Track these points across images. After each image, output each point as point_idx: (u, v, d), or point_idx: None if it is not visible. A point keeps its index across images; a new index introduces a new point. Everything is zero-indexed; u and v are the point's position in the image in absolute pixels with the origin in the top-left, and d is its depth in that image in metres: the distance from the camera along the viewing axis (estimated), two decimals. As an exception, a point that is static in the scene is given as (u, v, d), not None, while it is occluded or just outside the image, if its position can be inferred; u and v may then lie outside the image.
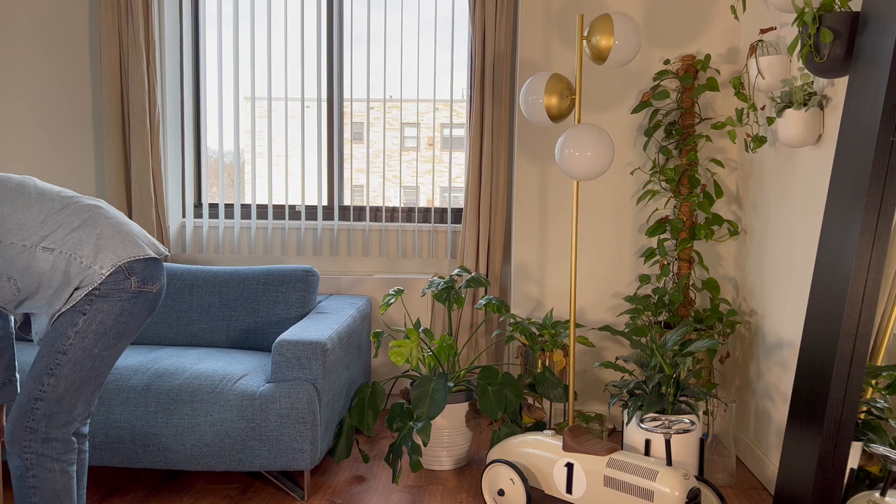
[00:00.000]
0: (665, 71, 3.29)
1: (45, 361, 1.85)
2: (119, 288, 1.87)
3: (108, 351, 1.90)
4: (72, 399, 1.87)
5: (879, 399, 2.13)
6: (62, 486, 1.87)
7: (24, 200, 1.88)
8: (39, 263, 1.83)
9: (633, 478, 2.30)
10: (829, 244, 2.08)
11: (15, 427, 1.84)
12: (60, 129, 3.67)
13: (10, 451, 1.85)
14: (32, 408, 1.84)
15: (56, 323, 1.87)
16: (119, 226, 1.93)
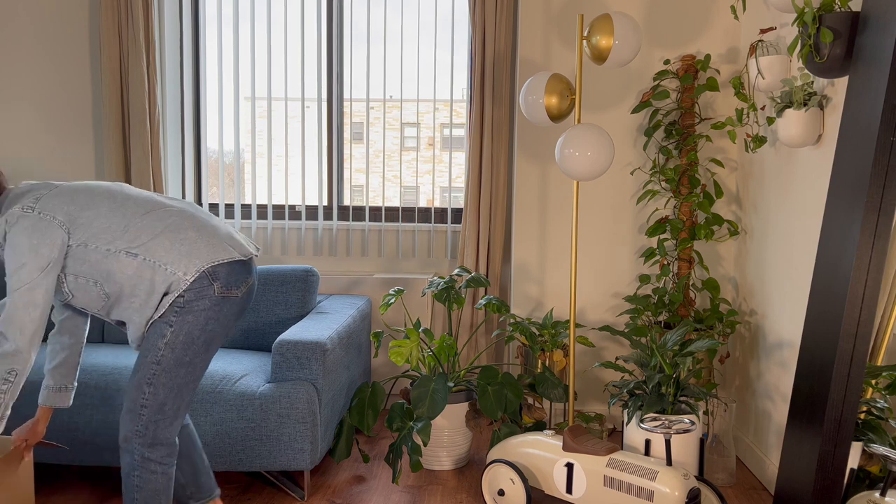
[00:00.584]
0: (665, 71, 3.29)
1: (143, 372, 1.91)
2: (203, 295, 1.89)
3: (200, 357, 1.94)
4: (173, 404, 1.94)
5: (879, 399, 2.13)
6: (162, 487, 1.96)
7: (109, 205, 1.90)
8: (123, 268, 1.86)
9: (633, 478, 2.30)
10: (829, 244, 2.08)
11: (127, 429, 1.92)
12: (61, 128, 3.68)
13: (123, 449, 1.94)
14: (139, 413, 1.91)
15: (148, 333, 1.92)
16: (203, 229, 1.93)
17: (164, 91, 3.62)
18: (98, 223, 1.86)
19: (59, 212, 1.84)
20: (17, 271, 1.77)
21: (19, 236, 1.79)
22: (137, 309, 1.90)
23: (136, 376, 1.92)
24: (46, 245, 1.79)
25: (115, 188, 1.97)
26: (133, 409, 1.91)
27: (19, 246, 1.78)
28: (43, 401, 2.10)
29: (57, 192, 1.88)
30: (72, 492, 2.75)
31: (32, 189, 1.89)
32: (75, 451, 2.64)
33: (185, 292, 1.87)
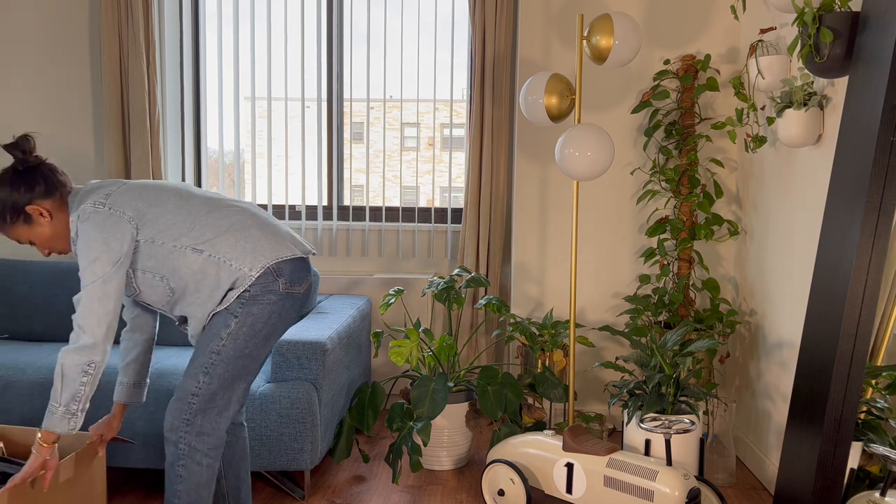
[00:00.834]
0: (665, 71, 3.29)
1: (201, 360, 1.92)
2: (268, 290, 1.91)
3: (259, 351, 1.96)
4: (225, 395, 1.95)
5: (879, 399, 2.13)
6: (205, 480, 1.96)
7: (176, 202, 1.93)
8: (189, 264, 1.89)
9: (633, 478, 2.30)
10: (829, 244, 2.08)
11: (174, 418, 1.93)
12: (61, 128, 3.67)
13: (168, 439, 1.94)
14: (189, 402, 1.92)
15: (210, 323, 1.94)
16: (265, 227, 1.96)
17: (164, 91, 3.62)
18: (165, 219, 1.90)
19: (129, 208, 1.88)
20: (91, 265, 1.81)
21: (91, 231, 1.83)
22: (201, 304, 1.93)
23: (192, 365, 1.93)
24: (117, 239, 1.83)
25: (182, 186, 2.01)
26: (183, 397, 1.93)
27: (91, 240, 1.82)
28: (118, 397, 2.13)
29: (126, 188, 1.93)
30: (72, 492, 2.75)
31: (102, 186, 1.93)
32: (75, 451, 2.64)
33: (250, 287, 1.90)
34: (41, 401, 2.62)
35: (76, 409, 1.81)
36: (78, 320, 1.81)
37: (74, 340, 1.81)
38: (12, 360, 2.75)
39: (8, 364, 2.72)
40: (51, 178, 1.90)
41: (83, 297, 1.81)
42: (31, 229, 1.91)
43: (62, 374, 1.80)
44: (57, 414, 1.80)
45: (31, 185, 1.88)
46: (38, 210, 1.88)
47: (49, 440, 1.82)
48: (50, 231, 1.92)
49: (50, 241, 1.93)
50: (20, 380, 2.65)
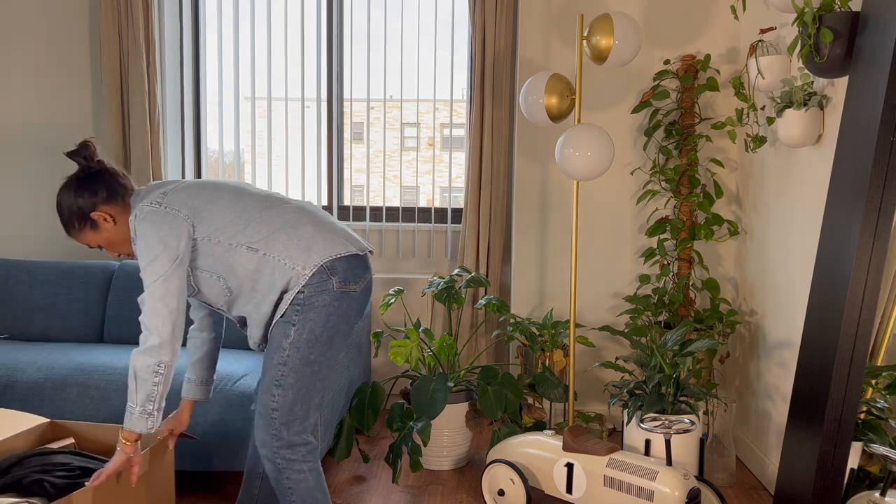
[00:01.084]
0: (665, 71, 3.29)
1: (271, 374, 1.91)
2: (322, 290, 1.89)
3: (325, 354, 1.94)
4: (304, 404, 1.94)
5: (879, 399, 2.13)
6: (315, 484, 1.97)
7: (230, 200, 1.93)
8: (245, 263, 1.88)
9: (633, 478, 2.30)
10: (829, 244, 2.08)
11: (263, 434, 1.93)
12: (61, 128, 3.67)
13: (263, 457, 1.94)
14: (271, 417, 1.92)
15: (272, 334, 1.93)
16: (320, 224, 1.95)
17: (164, 91, 3.61)
18: (220, 217, 1.90)
19: (184, 206, 1.88)
20: (151, 264, 1.82)
21: (148, 230, 1.83)
22: (257, 305, 1.92)
23: (264, 380, 1.93)
24: (174, 237, 1.83)
25: (237, 184, 2.01)
26: (265, 413, 1.92)
27: (149, 239, 1.83)
28: (185, 394, 2.15)
29: (182, 186, 1.94)
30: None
31: (160, 185, 1.95)
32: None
33: (304, 288, 1.88)
34: (41, 401, 2.63)
35: (152, 408, 1.83)
36: (144, 321, 1.82)
37: (143, 342, 1.82)
38: (12, 360, 2.75)
39: (8, 364, 2.72)
40: (112, 183, 1.92)
41: (146, 297, 1.82)
42: (98, 234, 1.93)
43: (135, 375, 1.81)
44: (135, 415, 1.83)
45: (94, 192, 1.90)
46: (103, 216, 1.91)
47: (131, 439, 1.86)
48: (115, 235, 1.94)
49: (117, 244, 1.96)
50: (20, 380, 2.65)
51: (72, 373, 2.67)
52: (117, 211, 1.93)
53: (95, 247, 1.97)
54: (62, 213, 1.93)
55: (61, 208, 1.93)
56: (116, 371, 2.68)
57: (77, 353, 2.85)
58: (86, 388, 2.62)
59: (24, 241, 3.72)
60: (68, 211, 1.91)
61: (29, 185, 3.69)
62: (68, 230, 1.95)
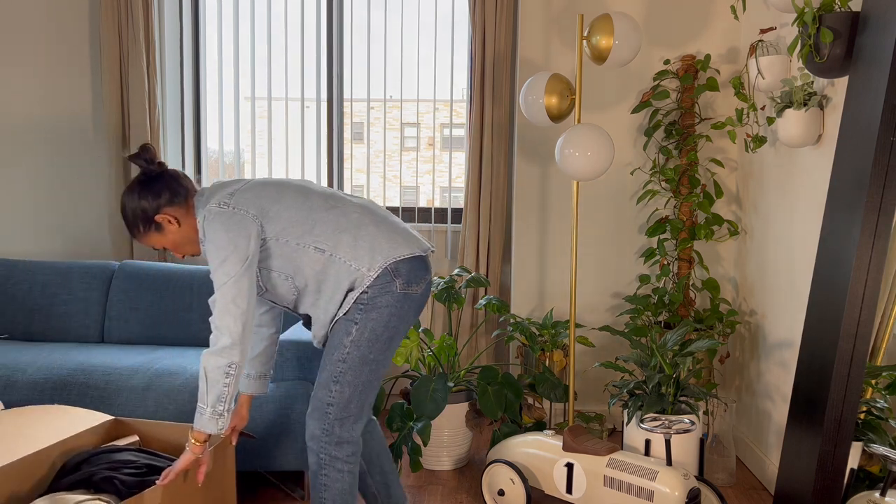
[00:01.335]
0: (665, 71, 3.29)
1: (329, 370, 1.93)
2: (385, 291, 1.89)
3: (383, 354, 1.95)
4: (358, 402, 1.95)
5: (879, 399, 2.13)
6: (348, 487, 1.97)
7: (296, 199, 1.93)
8: (312, 263, 1.89)
9: (633, 478, 2.30)
10: (829, 244, 2.08)
11: (314, 428, 1.95)
12: (61, 128, 3.67)
13: (310, 448, 1.96)
14: (326, 412, 1.93)
15: (333, 331, 1.94)
16: (383, 224, 1.95)
17: (164, 91, 3.61)
18: (287, 216, 1.90)
19: (252, 206, 1.88)
20: (222, 265, 1.82)
21: (218, 231, 1.84)
22: (323, 305, 1.93)
23: (323, 375, 1.94)
24: (244, 237, 1.84)
25: (301, 183, 2.01)
26: (319, 407, 1.94)
27: (219, 240, 1.83)
28: (244, 389, 2.16)
29: (249, 186, 1.94)
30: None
31: (225, 185, 1.95)
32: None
33: (368, 288, 1.89)
34: (41, 401, 2.63)
35: (222, 409, 1.84)
36: (215, 321, 1.82)
37: (214, 342, 1.82)
38: (12, 360, 2.75)
39: (8, 364, 2.72)
40: (174, 185, 1.93)
41: (218, 298, 1.82)
42: (163, 236, 1.95)
43: (205, 377, 1.82)
44: (206, 415, 1.84)
45: (157, 194, 1.91)
46: (167, 218, 1.91)
47: (201, 439, 1.87)
48: (180, 237, 1.95)
49: (182, 245, 1.97)
50: (20, 380, 2.65)
51: (72, 373, 2.67)
52: (181, 212, 1.94)
53: (160, 248, 1.98)
54: (126, 216, 1.94)
55: (125, 212, 1.93)
56: (116, 371, 2.68)
57: (77, 353, 2.85)
58: (86, 388, 2.62)
59: (24, 241, 3.72)
60: (132, 214, 1.92)
61: (29, 185, 3.69)
62: (133, 233, 1.96)
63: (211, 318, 1.84)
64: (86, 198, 3.68)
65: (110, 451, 2.00)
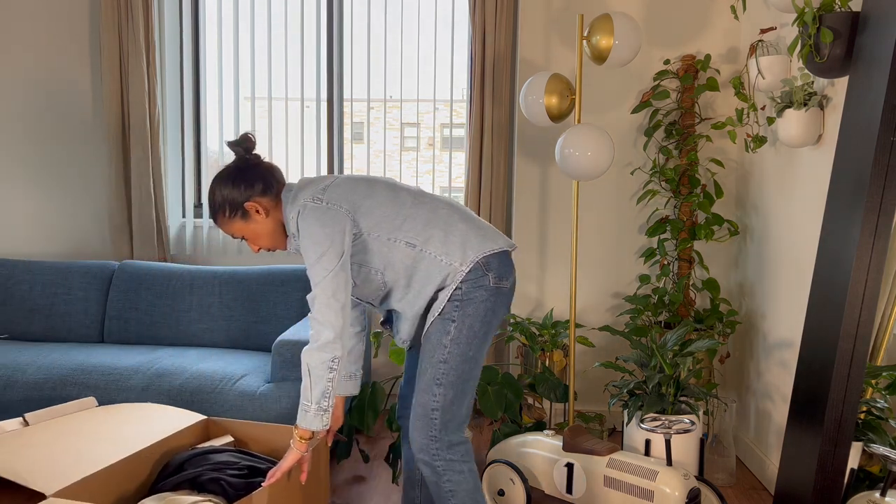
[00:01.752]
0: (665, 71, 3.29)
1: (431, 373, 1.90)
2: (479, 286, 1.89)
3: (481, 351, 1.93)
4: (460, 402, 1.92)
5: (879, 399, 2.13)
6: (474, 485, 1.94)
7: (385, 194, 1.93)
8: (403, 258, 1.89)
9: (633, 478, 2.30)
10: (829, 244, 2.08)
11: (422, 437, 1.91)
12: (61, 128, 3.67)
13: (421, 461, 1.92)
14: (431, 418, 1.90)
15: (430, 332, 1.91)
16: (470, 221, 1.95)
17: (164, 91, 3.61)
18: (378, 212, 1.90)
19: (345, 201, 1.89)
20: (319, 260, 1.82)
21: (313, 226, 1.84)
22: (411, 299, 1.92)
23: (423, 380, 1.91)
24: (339, 233, 1.84)
25: (388, 179, 2.01)
26: (424, 414, 1.90)
27: (315, 235, 1.83)
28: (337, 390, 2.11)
29: (339, 182, 1.94)
30: (72, 492, 2.75)
31: (314, 181, 1.95)
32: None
33: (461, 284, 1.88)
34: (41, 401, 2.63)
35: (326, 405, 1.84)
36: (317, 317, 1.81)
37: (316, 338, 1.81)
38: (12, 360, 2.75)
39: (8, 364, 2.72)
40: (268, 177, 1.93)
41: (318, 294, 1.82)
42: (246, 225, 1.94)
43: (309, 373, 1.81)
44: (310, 412, 1.83)
45: (251, 183, 1.91)
46: (256, 207, 1.91)
47: (306, 437, 1.87)
48: (264, 228, 1.94)
49: (262, 237, 1.96)
50: (20, 380, 2.65)
51: (72, 373, 2.67)
52: (270, 205, 1.93)
53: (239, 237, 1.97)
54: (214, 199, 1.93)
55: (214, 195, 1.93)
56: (116, 371, 2.68)
57: (77, 353, 2.85)
58: (85, 389, 2.62)
59: (24, 241, 3.72)
60: (221, 198, 1.91)
61: (29, 185, 3.69)
62: (216, 217, 1.95)
63: (311, 315, 1.83)
64: (86, 198, 3.68)
65: (210, 451, 2.02)
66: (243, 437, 2.24)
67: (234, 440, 2.24)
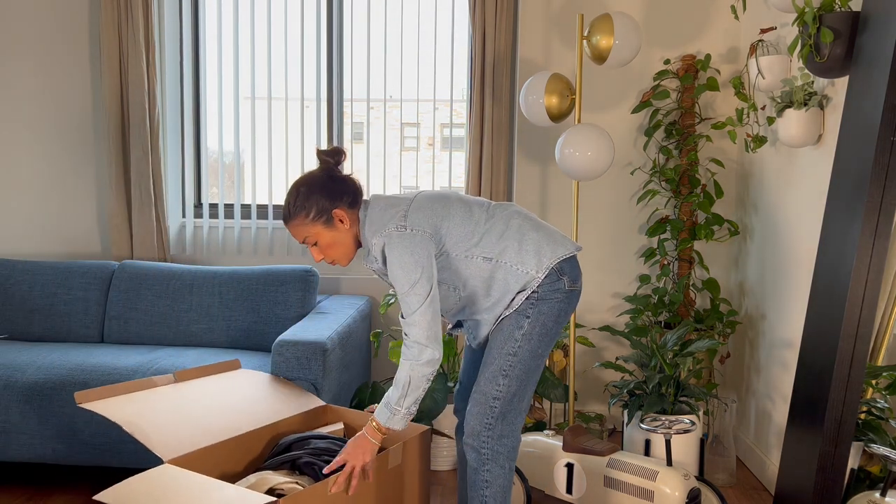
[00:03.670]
0: (665, 71, 3.29)
1: (498, 363, 1.96)
2: (555, 289, 1.95)
3: (547, 349, 2.00)
4: (521, 396, 1.98)
5: (879, 399, 2.13)
6: (507, 484, 2.00)
7: (461, 213, 1.99)
8: (480, 272, 1.96)
9: (633, 478, 2.30)
10: (829, 244, 2.08)
11: (476, 423, 1.98)
12: (60, 128, 3.67)
13: (470, 445, 1.99)
14: (491, 406, 1.96)
15: (501, 325, 1.98)
16: (540, 228, 2.01)
17: (164, 91, 3.61)
18: (456, 232, 1.96)
19: (427, 225, 1.94)
20: (413, 288, 1.88)
21: (403, 256, 1.89)
22: (489, 309, 1.99)
23: (489, 369, 1.97)
24: (426, 257, 1.90)
25: (459, 196, 2.06)
26: (485, 401, 1.96)
27: (406, 265, 1.89)
28: None
29: (418, 204, 1.99)
30: (72, 492, 2.75)
31: (391, 203, 1.99)
32: (75, 450, 2.63)
33: (538, 288, 1.94)
34: (40, 401, 2.62)
35: (414, 410, 1.94)
36: (420, 339, 1.88)
37: (417, 356, 1.88)
38: (12, 360, 2.75)
39: (8, 364, 2.72)
40: (356, 194, 2.00)
41: (418, 319, 1.88)
42: (325, 231, 1.97)
43: (409, 383, 1.89)
44: (398, 415, 1.92)
45: (341, 194, 1.97)
46: (341, 216, 1.96)
47: (383, 431, 1.94)
48: (340, 239, 1.99)
49: (336, 247, 2.00)
50: (20, 380, 2.65)
51: (71, 373, 2.67)
52: (352, 219, 1.98)
53: (311, 243, 1.99)
54: (298, 199, 1.96)
55: (299, 194, 1.96)
56: (116, 371, 2.68)
57: (77, 353, 2.85)
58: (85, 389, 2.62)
59: (24, 241, 3.72)
60: (310, 200, 1.95)
61: (29, 185, 3.69)
62: (295, 217, 1.97)
63: (414, 335, 1.89)
64: (86, 198, 3.68)
65: (314, 437, 2.15)
66: (354, 425, 2.35)
67: (345, 427, 2.33)
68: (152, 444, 1.93)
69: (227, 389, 2.33)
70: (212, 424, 2.10)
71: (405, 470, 2.14)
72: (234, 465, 2.09)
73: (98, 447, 2.61)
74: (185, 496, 1.70)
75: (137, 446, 2.59)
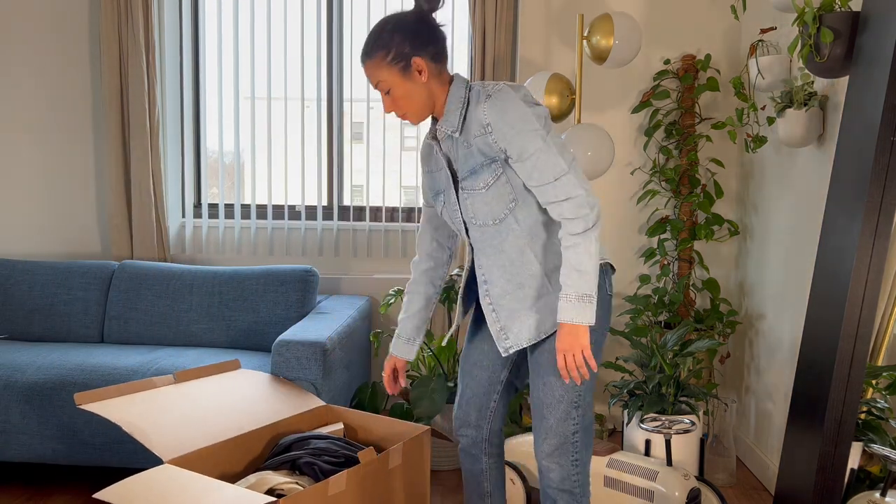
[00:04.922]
0: (665, 71, 3.29)
1: (568, 398, 1.77)
2: (601, 289, 1.81)
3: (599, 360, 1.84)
4: (591, 413, 1.83)
5: (880, 399, 2.13)
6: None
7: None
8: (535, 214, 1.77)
9: (633, 478, 2.30)
10: (829, 244, 2.08)
11: (564, 470, 1.79)
12: (60, 128, 3.67)
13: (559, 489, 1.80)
14: (573, 443, 1.78)
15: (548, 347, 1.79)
16: None
17: (164, 91, 3.61)
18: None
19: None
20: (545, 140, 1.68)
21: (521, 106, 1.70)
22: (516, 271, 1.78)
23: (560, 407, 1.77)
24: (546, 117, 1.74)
25: None
26: (564, 442, 1.77)
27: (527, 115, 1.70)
28: (392, 349, 2.04)
29: None
30: (72, 492, 2.75)
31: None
32: (75, 450, 2.63)
33: None
34: (40, 401, 2.62)
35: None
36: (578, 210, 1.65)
37: (586, 225, 1.65)
38: (12, 360, 2.75)
39: (8, 364, 2.72)
40: (443, 46, 1.78)
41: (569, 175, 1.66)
42: (399, 80, 1.74)
43: (591, 257, 1.66)
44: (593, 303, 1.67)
45: (428, 41, 1.75)
46: (421, 66, 1.74)
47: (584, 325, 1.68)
48: (416, 91, 1.76)
49: (408, 99, 1.76)
50: (20, 380, 2.65)
51: (71, 373, 2.67)
52: (433, 73, 1.77)
53: (383, 89, 1.76)
54: (382, 35, 1.73)
55: (385, 30, 1.73)
56: (116, 371, 2.67)
57: (77, 353, 2.85)
58: (85, 389, 2.62)
59: (24, 241, 3.72)
60: (393, 42, 1.72)
61: (29, 185, 3.69)
62: (374, 54, 1.73)
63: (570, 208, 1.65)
64: (86, 198, 3.68)
65: (314, 437, 2.15)
66: (355, 426, 2.35)
67: (344, 428, 2.33)
68: (152, 444, 1.94)
69: (227, 389, 2.34)
70: (212, 425, 2.11)
71: (405, 470, 2.14)
72: (233, 465, 2.09)
73: (98, 447, 2.61)
74: (185, 496, 1.70)
75: (137, 446, 2.59)
